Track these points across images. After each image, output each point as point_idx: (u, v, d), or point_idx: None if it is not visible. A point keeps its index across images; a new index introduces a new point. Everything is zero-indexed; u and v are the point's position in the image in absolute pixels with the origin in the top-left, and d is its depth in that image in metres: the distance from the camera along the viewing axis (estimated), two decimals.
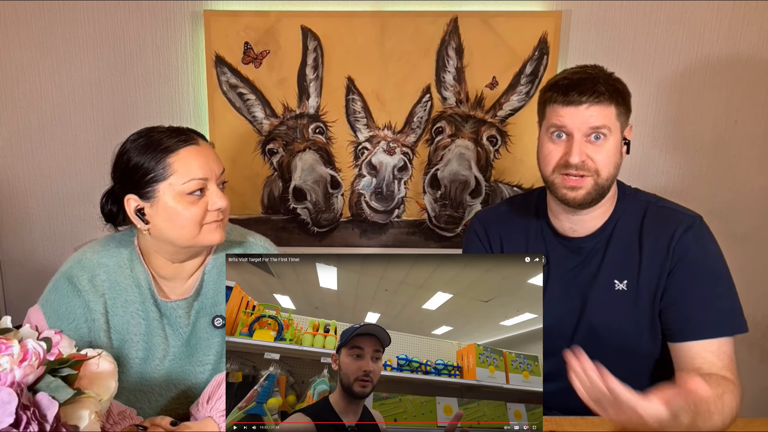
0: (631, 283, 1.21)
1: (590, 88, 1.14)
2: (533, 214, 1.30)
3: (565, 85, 1.15)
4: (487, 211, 1.40)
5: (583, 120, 1.14)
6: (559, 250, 1.27)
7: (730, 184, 1.94)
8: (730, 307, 1.16)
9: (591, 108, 1.14)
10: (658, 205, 1.24)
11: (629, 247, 1.22)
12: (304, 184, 1.95)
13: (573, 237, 1.25)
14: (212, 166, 1.12)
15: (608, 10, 1.83)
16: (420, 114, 1.90)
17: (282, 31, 1.83)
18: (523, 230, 1.31)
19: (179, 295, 1.19)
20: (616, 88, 1.16)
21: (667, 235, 1.18)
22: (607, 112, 1.14)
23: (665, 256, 1.18)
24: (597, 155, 1.15)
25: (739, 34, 1.83)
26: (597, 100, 1.13)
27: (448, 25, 1.83)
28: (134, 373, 1.16)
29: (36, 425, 0.75)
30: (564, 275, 1.25)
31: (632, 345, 1.22)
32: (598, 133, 1.15)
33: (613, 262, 1.22)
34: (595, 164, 1.16)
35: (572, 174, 1.16)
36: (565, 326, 1.26)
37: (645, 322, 1.21)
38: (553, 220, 1.27)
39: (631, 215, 1.23)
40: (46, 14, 1.85)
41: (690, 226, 1.18)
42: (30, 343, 0.83)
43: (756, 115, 1.89)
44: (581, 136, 1.15)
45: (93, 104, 1.91)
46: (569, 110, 1.15)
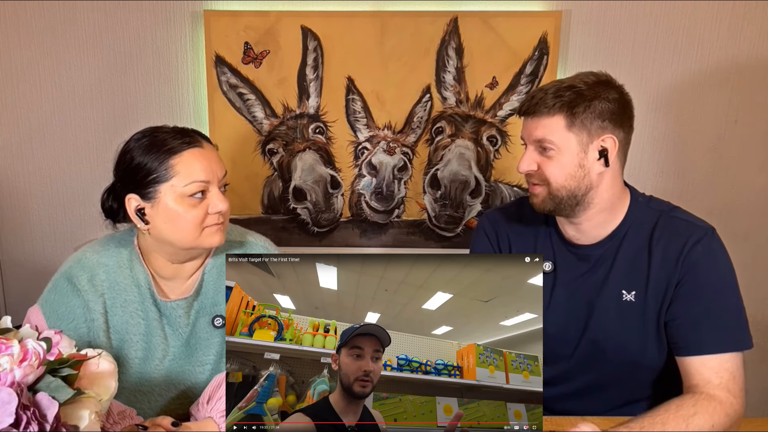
0: (639, 294, 1.18)
1: (537, 99, 1.14)
2: (542, 219, 1.29)
3: (526, 97, 1.19)
4: (497, 211, 1.39)
5: (528, 131, 1.17)
6: (566, 256, 1.25)
7: (730, 184, 1.94)
8: (734, 323, 1.13)
9: (534, 119, 1.15)
10: (671, 215, 1.20)
11: (638, 256, 1.19)
12: (304, 184, 1.95)
13: (580, 244, 1.23)
14: (215, 168, 1.12)
15: (608, 10, 1.83)
16: (420, 114, 1.90)
17: (282, 31, 1.83)
18: (531, 235, 1.30)
19: (179, 294, 1.19)
20: (567, 98, 1.11)
21: (677, 247, 1.15)
22: (549, 123, 1.13)
23: (674, 268, 1.15)
24: (545, 166, 1.15)
25: (739, 34, 1.83)
26: (539, 111, 1.13)
27: (448, 25, 1.83)
28: (134, 373, 1.16)
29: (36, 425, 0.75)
30: (570, 282, 1.24)
31: (637, 356, 1.20)
32: (543, 145, 1.14)
33: (621, 272, 1.20)
34: (544, 174, 1.16)
35: (530, 182, 1.20)
36: (570, 334, 1.24)
37: (651, 334, 1.19)
38: (560, 226, 1.26)
39: (642, 224, 1.20)
40: (46, 14, 1.85)
41: (701, 238, 1.15)
42: (30, 343, 0.83)
43: (756, 115, 1.89)
44: (531, 146, 1.17)
45: (93, 104, 1.91)
46: (523, 122, 1.19)
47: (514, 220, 1.33)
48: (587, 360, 1.24)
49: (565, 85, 1.13)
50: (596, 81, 1.14)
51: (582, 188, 1.15)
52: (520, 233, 1.31)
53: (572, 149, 1.13)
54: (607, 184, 1.17)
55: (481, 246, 1.36)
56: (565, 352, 1.26)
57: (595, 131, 1.12)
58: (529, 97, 1.16)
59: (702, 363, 1.12)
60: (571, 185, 1.14)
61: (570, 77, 1.17)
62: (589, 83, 1.13)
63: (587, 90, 1.12)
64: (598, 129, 1.12)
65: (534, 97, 1.15)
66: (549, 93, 1.13)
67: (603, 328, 1.21)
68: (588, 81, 1.14)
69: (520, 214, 1.33)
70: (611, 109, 1.12)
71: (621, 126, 1.14)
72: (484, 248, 1.36)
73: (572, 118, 1.11)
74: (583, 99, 1.11)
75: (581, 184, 1.15)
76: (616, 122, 1.13)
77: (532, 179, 1.19)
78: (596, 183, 1.15)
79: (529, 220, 1.31)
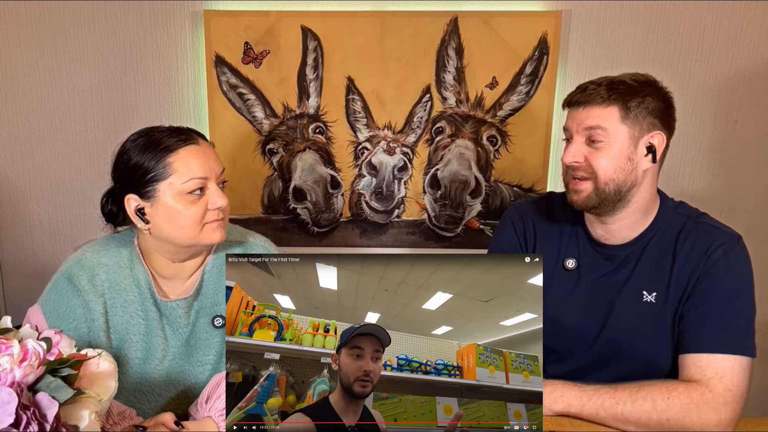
0: (660, 295, 1.19)
1: (589, 90, 1.15)
2: (570, 218, 1.29)
3: (576, 89, 1.19)
4: (526, 203, 1.38)
5: (579, 121, 1.16)
6: (592, 255, 1.25)
7: (730, 184, 1.94)
8: (738, 328, 1.12)
9: (587, 109, 1.15)
10: (698, 220, 1.21)
11: (662, 259, 1.19)
12: (304, 184, 1.95)
13: (608, 244, 1.24)
14: (212, 165, 1.12)
15: (608, 10, 1.83)
16: (420, 114, 1.90)
17: (282, 31, 1.83)
18: (557, 231, 1.30)
19: (179, 294, 1.19)
20: (623, 90, 1.13)
21: (700, 251, 1.16)
22: (603, 113, 1.14)
23: (694, 268, 1.16)
24: (594, 158, 1.15)
25: (739, 34, 1.83)
26: (593, 100, 1.14)
27: (448, 25, 1.83)
28: (134, 373, 1.16)
29: (36, 425, 0.75)
30: (594, 281, 1.24)
31: (652, 358, 1.20)
32: (594, 135, 1.14)
33: (644, 273, 1.20)
34: (592, 167, 1.15)
35: (574, 176, 1.18)
36: (588, 331, 1.24)
37: (667, 336, 1.19)
38: (588, 225, 1.26)
39: (669, 228, 1.21)
40: (46, 15, 1.85)
41: (724, 242, 1.16)
42: (30, 343, 0.83)
43: (756, 115, 1.89)
44: (580, 137, 1.17)
45: (93, 104, 1.91)
46: (571, 112, 1.19)
47: (543, 214, 1.33)
48: (602, 358, 1.24)
49: (618, 80, 1.15)
50: (645, 80, 1.17)
51: (628, 183, 1.16)
52: (547, 228, 1.31)
53: (623, 142, 1.14)
54: (648, 183, 1.18)
55: (507, 235, 1.36)
56: (580, 348, 1.26)
57: (646, 127, 1.15)
58: (581, 89, 1.17)
59: (693, 361, 1.12)
60: (619, 179, 1.15)
61: (618, 75, 1.18)
62: (639, 81, 1.16)
63: (639, 87, 1.15)
64: (649, 125, 1.15)
65: (587, 89, 1.16)
66: (603, 85, 1.14)
67: (620, 327, 1.22)
68: (638, 79, 1.17)
69: (548, 210, 1.33)
70: (661, 108, 1.16)
71: (667, 126, 1.17)
72: (509, 238, 1.35)
73: (627, 111, 1.13)
74: (637, 94, 1.14)
75: (628, 179, 1.15)
76: (664, 122, 1.16)
77: (576, 173, 1.18)
78: (641, 180, 1.17)
79: (556, 216, 1.31)
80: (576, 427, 1.11)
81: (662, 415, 1.07)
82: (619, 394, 1.10)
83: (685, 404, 1.07)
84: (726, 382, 1.09)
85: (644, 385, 1.11)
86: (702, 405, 1.07)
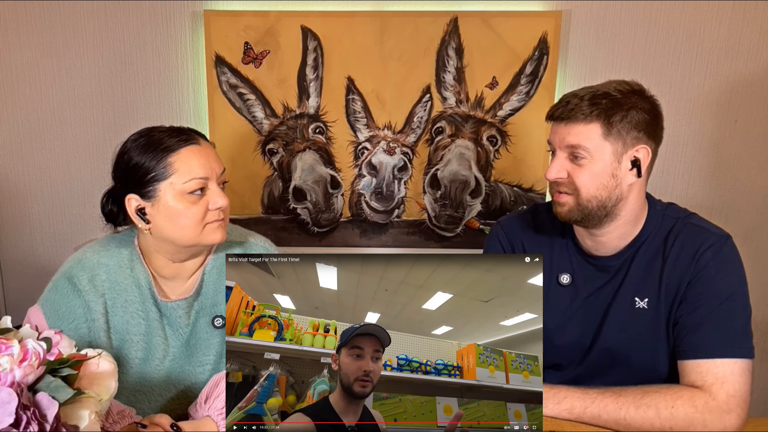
0: (652, 301, 1.17)
1: (572, 104, 1.11)
2: (559, 229, 1.26)
3: (558, 102, 1.15)
4: (512, 219, 1.35)
5: (561, 137, 1.13)
6: (586, 268, 1.23)
7: (730, 184, 1.94)
8: (734, 331, 1.11)
9: (568, 125, 1.12)
10: (686, 221, 1.18)
11: (652, 264, 1.18)
12: (304, 184, 1.95)
13: (599, 255, 1.22)
14: (213, 165, 1.12)
15: (608, 10, 1.83)
16: (420, 114, 1.90)
17: (282, 31, 1.83)
18: (547, 245, 1.27)
19: (179, 295, 1.19)
20: (605, 105, 1.09)
21: (689, 254, 1.14)
22: (584, 130, 1.10)
23: (685, 271, 1.14)
24: (577, 175, 1.12)
25: (739, 34, 1.83)
26: (574, 117, 1.10)
27: (448, 25, 1.83)
28: (134, 373, 1.16)
29: (36, 425, 0.75)
30: (590, 294, 1.23)
31: (647, 364, 1.20)
32: (576, 152, 1.11)
33: (634, 280, 1.19)
34: (574, 183, 1.13)
35: (557, 190, 1.16)
36: (582, 341, 1.24)
37: (662, 341, 1.18)
38: (578, 236, 1.24)
39: (658, 233, 1.19)
40: (46, 15, 1.85)
41: (713, 243, 1.14)
42: (30, 343, 0.83)
43: (756, 115, 1.89)
44: (562, 153, 1.14)
45: (93, 104, 1.91)
46: (554, 127, 1.16)
47: (530, 228, 1.30)
48: (598, 366, 1.24)
49: (601, 93, 1.11)
50: (630, 90, 1.12)
51: (612, 199, 1.13)
52: (536, 243, 1.28)
53: (606, 158, 1.11)
54: (635, 195, 1.15)
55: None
56: (576, 359, 1.25)
57: (630, 141, 1.11)
58: (563, 102, 1.13)
59: (692, 367, 1.11)
60: (602, 195, 1.12)
61: (602, 84, 1.14)
62: (623, 92, 1.11)
63: (623, 99, 1.10)
64: (633, 139, 1.11)
65: (569, 103, 1.12)
66: (585, 99, 1.10)
67: (614, 335, 1.20)
68: (622, 90, 1.12)
69: (535, 222, 1.30)
70: (646, 120, 1.11)
71: (653, 137, 1.13)
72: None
73: (609, 127, 1.09)
74: (620, 108, 1.09)
75: (612, 195, 1.13)
76: (650, 133, 1.12)
77: (559, 187, 1.15)
78: (626, 194, 1.14)
79: (544, 229, 1.28)
80: (576, 427, 1.11)
81: (665, 423, 1.06)
82: (622, 400, 1.09)
83: (689, 413, 1.06)
84: (728, 387, 1.08)
85: (648, 391, 1.09)
86: (707, 414, 1.06)
